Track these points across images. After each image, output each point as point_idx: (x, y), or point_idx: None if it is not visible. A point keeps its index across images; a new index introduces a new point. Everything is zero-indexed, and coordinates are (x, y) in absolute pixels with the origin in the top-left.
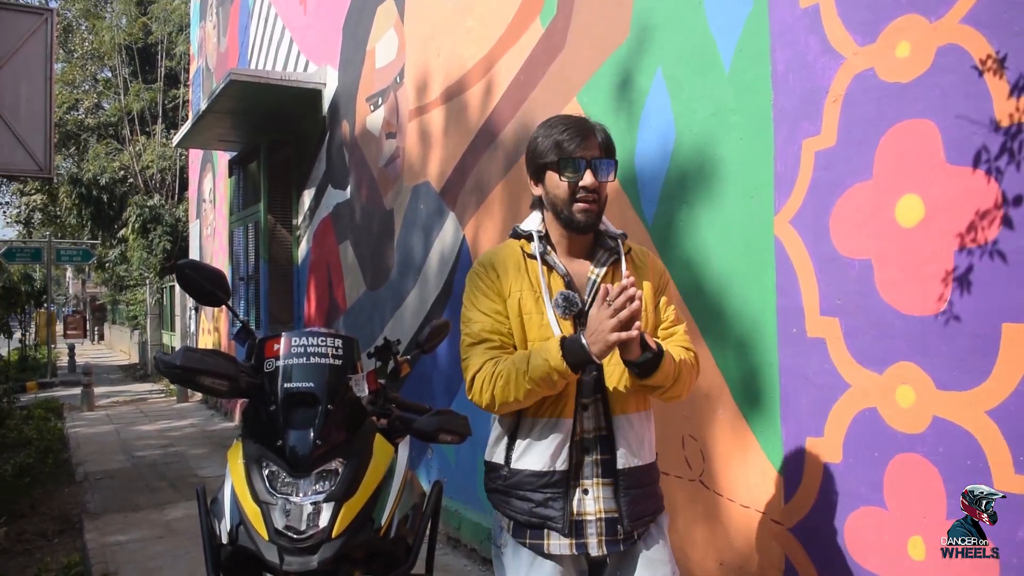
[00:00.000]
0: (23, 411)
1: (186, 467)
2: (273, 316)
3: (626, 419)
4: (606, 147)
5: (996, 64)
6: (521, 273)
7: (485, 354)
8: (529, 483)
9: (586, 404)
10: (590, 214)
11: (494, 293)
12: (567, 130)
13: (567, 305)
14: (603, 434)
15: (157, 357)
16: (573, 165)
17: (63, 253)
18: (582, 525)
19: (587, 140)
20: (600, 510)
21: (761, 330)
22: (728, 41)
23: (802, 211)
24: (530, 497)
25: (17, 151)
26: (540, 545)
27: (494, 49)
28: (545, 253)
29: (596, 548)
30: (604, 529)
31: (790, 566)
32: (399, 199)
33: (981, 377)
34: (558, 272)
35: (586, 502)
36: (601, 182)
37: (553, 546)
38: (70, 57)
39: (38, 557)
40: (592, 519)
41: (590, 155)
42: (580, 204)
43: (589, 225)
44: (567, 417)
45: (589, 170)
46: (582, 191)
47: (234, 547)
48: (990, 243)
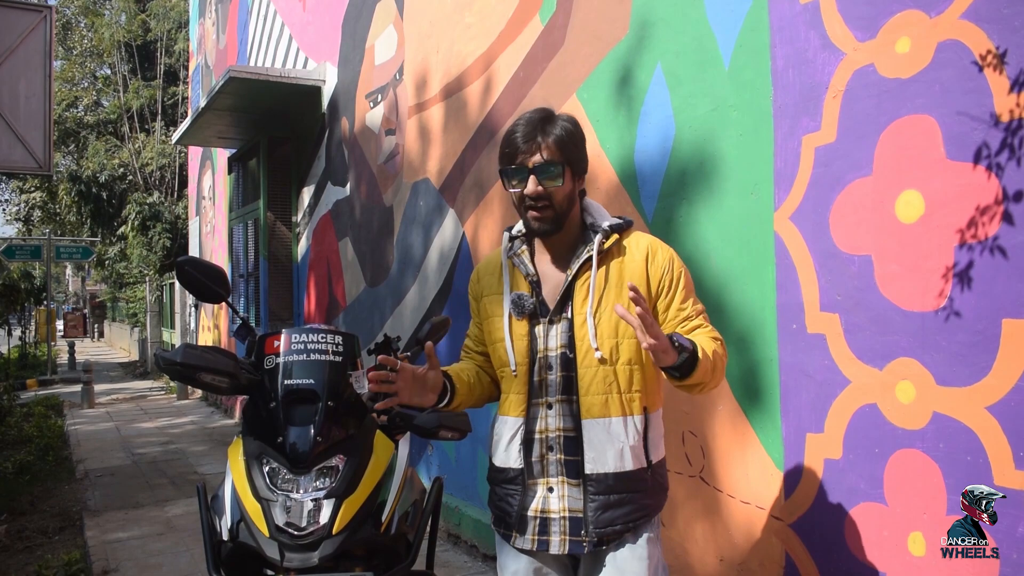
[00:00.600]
0: (23, 408)
1: (186, 464)
2: (273, 313)
3: (598, 423)
4: (558, 145)
5: (996, 60)
6: (495, 276)
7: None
8: (496, 478)
9: (550, 403)
10: (543, 221)
11: (473, 299)
12: (515, 135)
13: (518, 307)
14: (569, 435)
15: (158, 354)
16: (517, 174)
17: (63, 250)
18: (546, 522)
19: (530, 143)
20: (564, 508)
21: (761, 326)
22: (728, 37)
23: (802, 207)
24: (496, 491)
25: (16, 148)
26: (509, 536)
27: (493, 45)
28: (514, 254)
29: (558, 547)
30: (568, 528)
31: (790, 562)
32: (399, 196)
33: (981, 373)
34: (522, 272)
35: (551, 500)
36: (551, 187)
37: (517, 540)
38: (69, 54)
39: (39, 554)
40: (556, 517)
41: (533, 161)
42: (531, 212)
43: (545, 231)
44: (515, 416)
45: (532, 176)
46: (528, 200)
47: (235, 544)
48: (990, 239)
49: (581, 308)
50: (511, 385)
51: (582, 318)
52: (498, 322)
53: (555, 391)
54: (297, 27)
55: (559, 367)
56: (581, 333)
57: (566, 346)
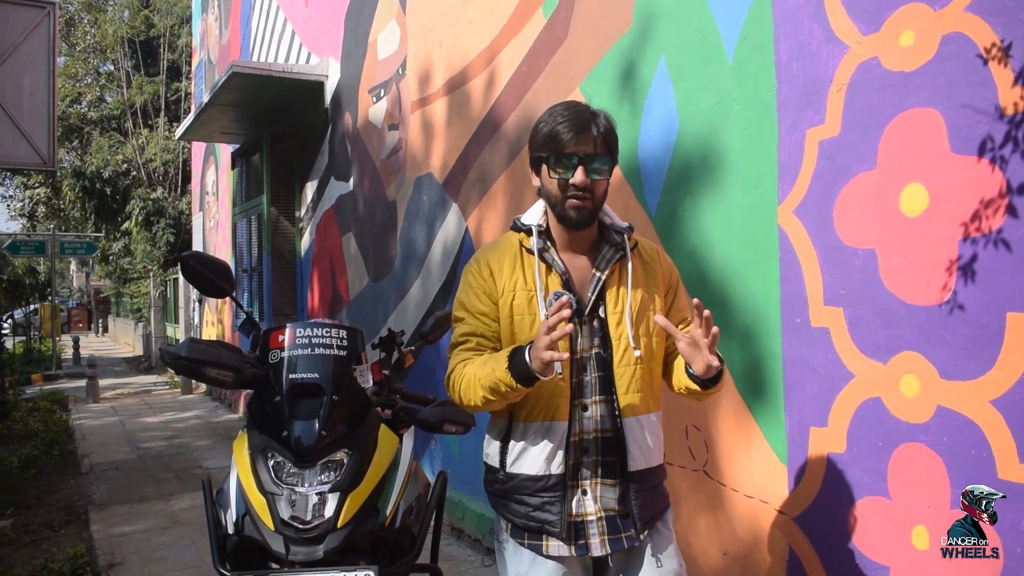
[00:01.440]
0: (28, 403)
1: (191, 458)
2: (276, 308)
3: (637, 421)
4: (605, 139)
5: (1001, 52)
6: (516, 271)
7: (460, 355)
8: (525, 487)
9: (586, 405)
10: (582, 211)
11: (484, 293)
12: (563, 122)
13: None
14: (606, 435)
15: (162, 348)
16: (565, 161)
17: (67, 246)
18: (582, 526)
19: (582, 134)
20: (600, 509)
21: (765, 320)
22: (731, 30)
23: (806, 201)
24: (527, 501)
25: (20, 144)
26: (539, 546)
27: (496, 40)
28: (544, 250)
29: (599, 548)
30: (606, 528)
31: (794, 556)
32: (402, 191)
33: (985, 367)
34: (556, 270)
35: (585, 503)
36: (595, 180)
37: (552, 548)
38: (72, 50)
39: (44, 548)
40: (593, 519)
41: (583, 151)
42: (572, 201)
43: (582, 222)
44: (561, 420)
45: (581, 167)
46: (572, 189)
47: (240, 537)
48: (995, 232)
49: (615, 308)
50: (550, 390)
51: (617, 318)
52: (530, 320)
53: (591, 392)
54: (300, 22)
55: (595, 367)
56: (618, 332)
57: (599, 346)
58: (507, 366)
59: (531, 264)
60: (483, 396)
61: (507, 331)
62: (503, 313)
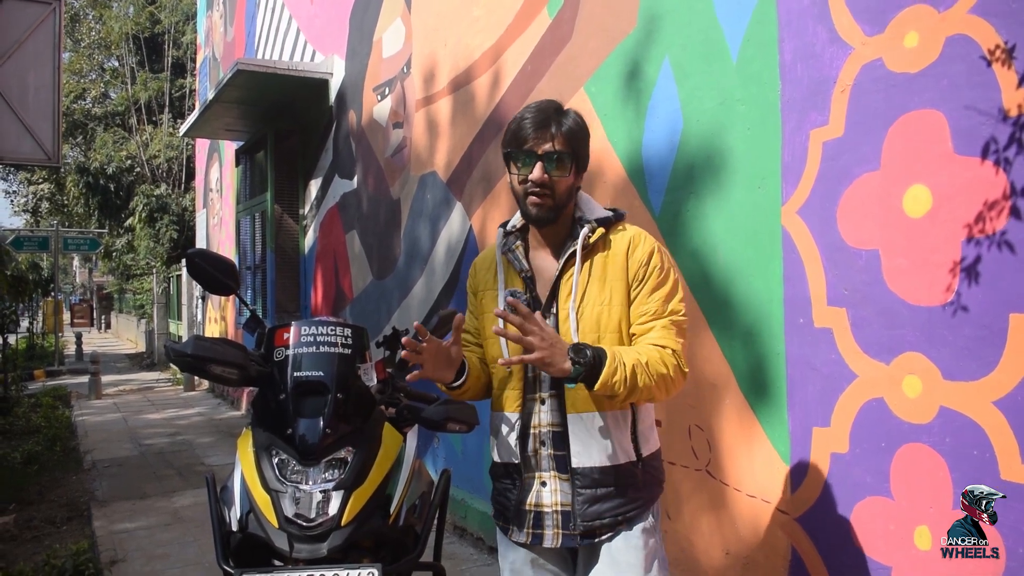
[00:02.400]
0: (31, 399)
1: (193, 455)
2: (280, 305)
3: (580, 418)
4: (567, 138)
5: (1004, 54)
6: (491, 271)
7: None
8: (494, 472)
9: (543, 399)
10: (541, 208)
11: (471, 291)
12: (526, 119)
13: None
14: (557, 430)
15: (167, 346)
16: (524, 158)
17: (70, 242)
18: (540, 516)
19: (542, 131)
20: (557, 503)
21: (768, 320)
22: (736, 30)
23: (809, 201)
24: (495, 486)
25: (25, 140)
26: (507, 529)
27: (501, 39)
28: (509, 249)
29: (551, 540)
30: (560, 522)
31: (796, 556)
32: (406, 189)
33: (988, 367)
34: (516, 268)
35: (543, 494)
36: (555, 178)
37: (514, 533)
38: (77, 46)
39: (46, 544)
40: (549, 511)
41: (542, 148)
42: (531, 198)
43: (541, 219)
44: (511, 411)
45: (540, 163)
46: (531, 185)
47: (244, 534)
48: (998, 233)
49: (565, 303)
50: (507, 381)
51: (565, 313)
52: (492, 319)
53: (547, 386)
54: (304, 20)
55: None
56: (564, 328)
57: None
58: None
59: (504, 264)
60: None
61: (480, 327)
62: (478, 311)
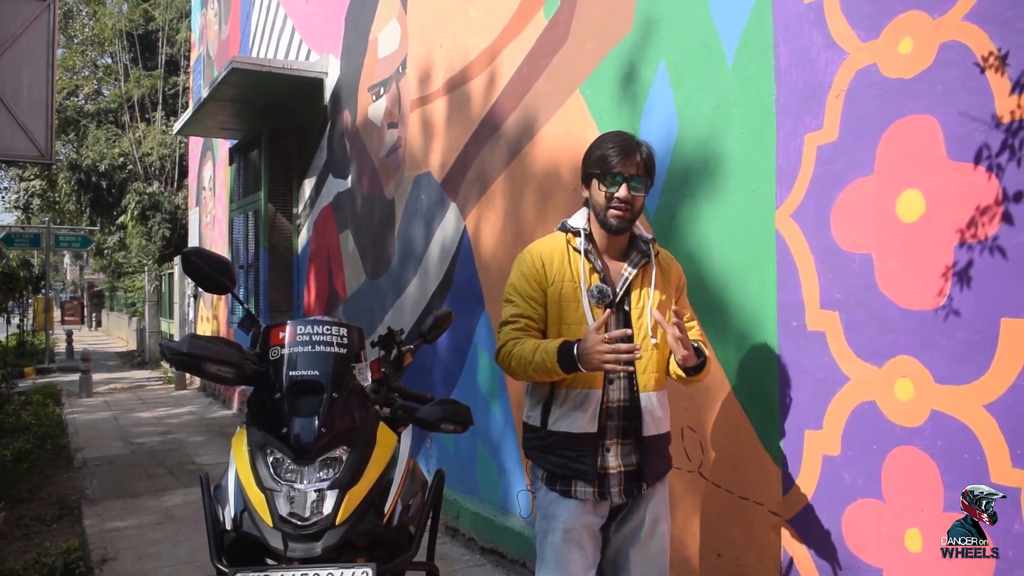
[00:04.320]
0: (21, 396)
1: (184, 454)
2: (273, 305)
3: (649, 396)
4: (646, 165)
5: (998, 61)
6: (564, 264)
7: (511, 333)
8: (564, 443)
9: (612, 379)
10: (622, 220)
11: (535, 281)
12: (613, 148)
13: (600, 296)
14: (626, 405)
15: (163, 344)
16: (612, 179)
17: (62, 239)
18: (605, 477)
19: (628, 158)
20: (620, 465)
21: (761, 323)
22: (732, 34)
23: (803, 205)
24: (564, 454)
25: (18, 136)
26: (569, 491)
27: (497, 40)
28: (588, 250)
29: (617, 496)
30: (623, 480)
31: (788, 557)
32: (400, 189)
33: (979, 371)
34: (596, 268)
35: (608, 458)
36: (635, 196)
37: (580, 492)
38: (70, 43)
39: (37, 542)
40: (614, 472)
41: (628, 171)
42: (614, 211)
43: (620, 229)
44: (597, 388)
45: (625, 184)
46: (616, 201)
47: (238, 533)
48: (990, 239)
49: (638, 303)
50: None
51: (639, 311)
52: (576, 307)
53: None
54: (300, 19)
55: None
56: (639, 323)
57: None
58: (557, 358)
59: (577, 260)
60: (531, 375)
61: (555, 314)
62: (551, 299)
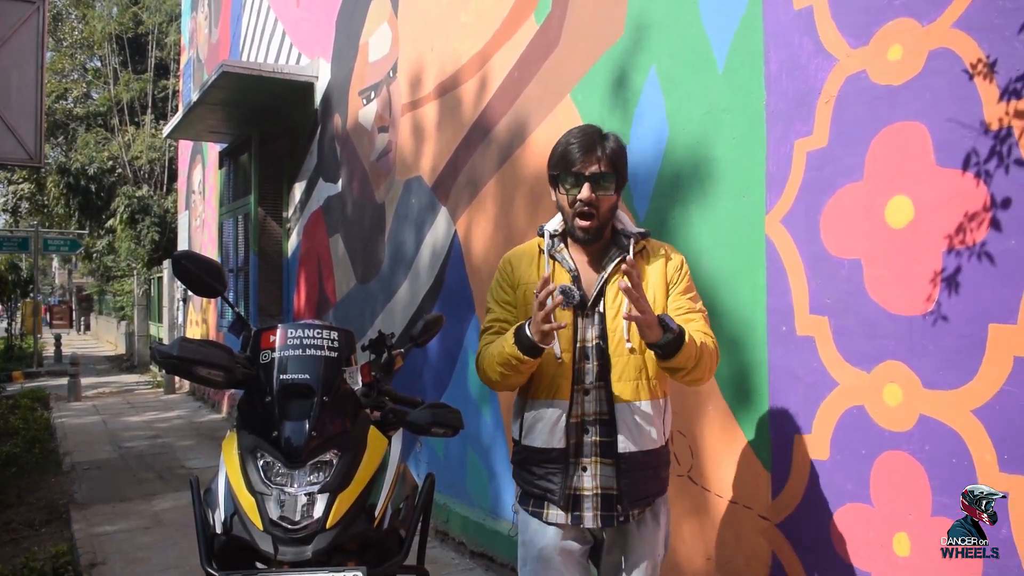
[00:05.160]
0: (9, 400)
1: (174, 458)
2: (262, 309)
3: (628, 407)
4: (611, 159)
5: (986, 68)
6: (532, 267)
7: (485, 339)
8: (533, 458)
9: (587, 389)
10: (588, 231)
11: (507, 284)
12: (573, 143)
13: (566, 296)
14: (604, 418)
15: (153, 347)
16: (572, 179)
17: (50, 243)
18: (579, 499)
19: (588, 154)
20: (597, 487)
21: (751, 328)
22: (722, 41)
23: (793, 211)
24: (534, 471)
25: (7, 139)
26: (540, 513)
27: (488, 45)
28: (554, 250)
29: (591, 521)
30: (600, 504)
31: (777, 561)
32: (391, 193)
33: (967, 376)
34: (565, 267)
35: (584, 478)
36: (601, 196)
37: (551, 515)
38: (59, 46)
39: (25, 547)
40: (588, 495)
41: (590, 170)
42: (578, 220)
43: (587, 239)
44: (561, 399)
45: (588, 184)
46: (579, 204)
47: (228, 537)
48: (978, 245)
49: (613, 303)
50: (555, 371)
51: (614, 312)
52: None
53: (592, 378)
54: (290, 23)
55: (595, 356)
56: (614, 326)
57: (599, 337)
58: (513, 341)
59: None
60: (499, 371)
61: (524, 318)
62: (519, 302)
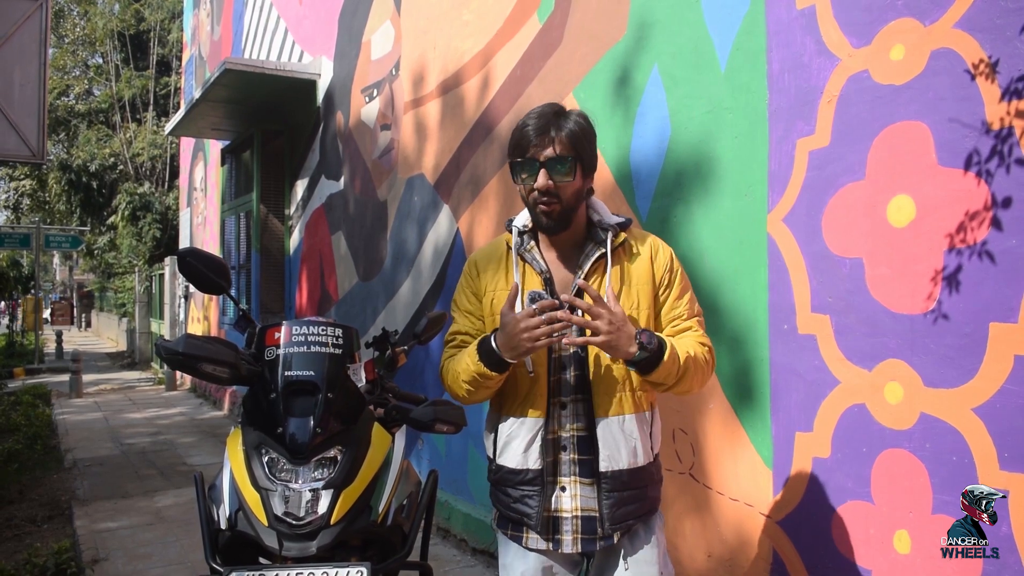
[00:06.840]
0: (11, 397)
1: (175, 455)
2: (264, 306)
3: (609, 422)
4: (570, 140)
5: (988, 68)
6: (500, 271)
7: (447, 352)
8: (508, 479)
9: (564, 403)
10: (550, 216)
11: (471, 292)
12: (527, 127)
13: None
14: (582, 435)
15: (159, 343)
16: (527, 167)
17: (52, 239)
18: (558, 522)
19: (542, 137)
20: (577, 508)
21: (753, 326)
22: (725, 40)
23: (795, 209)
24: (509, 493)
25: (10, 136)
26: (520, 538)
27: (491, 43)
28: (524, 249)
29: (570, 546)
30: (580, 527)
31: (778, 559)
32: (393, 191)
33: (968, 375)
34: (536, 269)
35: (563, 499)
36: (559, 183)
37: (530, 540)
38: (61, 42)
39: (27, 543)
40: (568, 516)
41: (544, 155)
42: (540, 207)
43: (552, 227)
44: (536, 416)
45: (543, 170)
46: (536, 193)
47: (233, 532)
48: (979, 244)
49: None
50: (527, 386)
51: None
52: None
53: (569, 391)
54: (293, 20)
55: (573, 367)
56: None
57: (577, 346)
58: (478, 357)
59: (512, 264)
60: (465, 388)
61: (490, 328)
62: (486, 312)
